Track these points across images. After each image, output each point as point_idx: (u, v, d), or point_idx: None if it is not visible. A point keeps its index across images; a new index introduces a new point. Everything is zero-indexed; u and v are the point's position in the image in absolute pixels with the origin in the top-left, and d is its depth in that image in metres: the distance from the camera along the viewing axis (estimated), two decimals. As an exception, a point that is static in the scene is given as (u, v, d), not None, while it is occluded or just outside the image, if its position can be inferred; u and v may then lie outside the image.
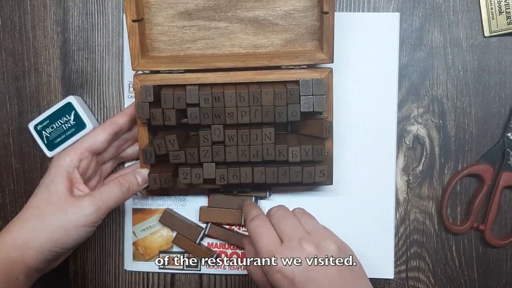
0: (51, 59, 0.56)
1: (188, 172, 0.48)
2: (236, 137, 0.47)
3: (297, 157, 0.47)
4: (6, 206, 0.57)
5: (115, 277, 0.57)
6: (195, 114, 0.46)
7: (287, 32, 0.49)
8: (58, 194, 0.45)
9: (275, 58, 0.48)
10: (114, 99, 0.56)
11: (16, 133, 0.57)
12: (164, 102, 0.46)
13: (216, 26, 0.49)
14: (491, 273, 0.54)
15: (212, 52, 0.50)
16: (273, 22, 0.49)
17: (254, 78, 0.47)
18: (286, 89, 0.46)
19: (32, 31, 0.56)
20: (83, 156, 0.48)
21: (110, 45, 0.55)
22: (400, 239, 0.55)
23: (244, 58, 0.48)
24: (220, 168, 0.48)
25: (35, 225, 0.44)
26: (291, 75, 0.47)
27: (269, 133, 0.47)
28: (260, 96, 0.46)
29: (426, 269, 0.55)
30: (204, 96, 0.46)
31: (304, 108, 0.46)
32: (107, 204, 0.46)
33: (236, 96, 0.46)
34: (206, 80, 0.48)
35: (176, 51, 0.50)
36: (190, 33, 0.49)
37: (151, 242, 0.56)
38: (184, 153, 0.47)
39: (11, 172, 0.57)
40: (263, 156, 0.47)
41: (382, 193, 0.54)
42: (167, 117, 0.46)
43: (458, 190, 0.54)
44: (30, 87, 0.56)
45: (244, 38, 0.49)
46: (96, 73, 0.56)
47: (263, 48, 0.50)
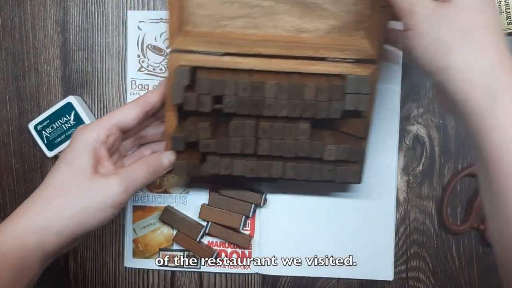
0: (51, 59, 0.56)
1: (217, 162, 0.46)
2: (271, 130, 0.45)
3: (333, 156, 0.45)
4: (6, 206, 0.57)
5: (115, 276, 0.57)
6: (232, 103, 0.44)
7: (334, 19, 0.46)
8: (83, 171, 0.41)
9: (321, 49, 0.45)
10: (114, 99, 0.56)
11: (16, 133, 0.57)
12: (200, 86, 0.43)
13: (261, 5, 0.45)
14: (491, 273, 0.54)
15: (251, 32, 0.46)
16: (322, 7, 0.45)
17: (296, 68, 0.45)
18: (330, 84, 0.43)
19: (32, 31, 0.56)
20: (111, 132, 0.43)
21: (110, 45, 0.55)
22: (400, 239, 0.55)
23: (288, 46, 0.45)
24: (251, 160, 0.46)
25: (58, 206, 0.39)
26: (335, 68, 0.45)
27: (305, 128, 0.45)
28: (302, 90, 0.43)
29: (426, 269, 0.55)
30: (243, 85, 0.43)
31: (348, 106, 0.44)
32: (135, 184, 0.42)
33: (277, 88, 0.43)
34: (245, 66, 0.45)
35: (212, 27, 0.46)
36: (232, 9, 0.45)
37: (151, 239, 0.56)
38: (215, 142, 0.45)
39: (11, 172, 0.57)
40: (296, 152, 0.45)
41: (382, 193, 0.54)
42: (201, 103, 0.44)
43: (458, 190, 0.54)
44: (30, 87, 0.56)
45: (288, 20, 0.46)
46: (96, 73, 0.56)
47: (306, 33, 0.46)
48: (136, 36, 0.55)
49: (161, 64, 0.55)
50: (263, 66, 0.45)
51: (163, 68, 0.55)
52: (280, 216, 0.54)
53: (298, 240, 0.54)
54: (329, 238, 0.54)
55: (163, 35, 0.55)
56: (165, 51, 0.55)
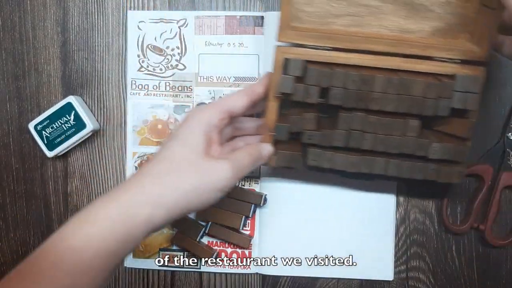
0: (51, 59, 0.56)
1: (319, 154, 0.46)
2: (378, 125, 0.45)
3: (437, 155, 0.45)
4: (6, 206, 0.57)
5: (115, 276, 0.57)
6: (339, 95, 0.44)
7: (440, 21, 0.46)
8: (196, 151, 0.41)
9: (428, 48, 0.45)
10: (114, 99, 0.56)
11: (16, 133, 0.57)
12: (310, 77, 0.44)
13: (368, 4, 0.46)
14: (491, 273, 0.54)
15: (355, 30, 0.47)
16: (429, 8, 0.46)
17: (402, 66, 0.45)
18: (439, 81, 0.44)
19: (32, 31, 0.56)
20: (224, 116, 0.43)
21: (110, 45, 0.55)
22: (400, 239, 0.55)
23: (395, 43, 0.46)
24: (353, 154, 0.46)
25: (172, 181, 0.39)
26: (441, 68, 0.45)
27: (416, 125, 0.44)
28: (411, 85, 0.43)
29: (426, 269, 0.55)
30: (352, 77, 0.43)
31: (457, 104, 0.44)
32: (242, 171, 0.42)
33: (386, 82, 0.43)
34: (354, 62, 0.45)
35: (318, 24, 0.47)
36: (339, 7, 0.47)
37: (151, 239, 0.56)
38: (319, 134, 0.45)
39: (11, 172, 0.57)
40: (401, 148, 0.45)
41: (382, 193, 0.54)
42: (309, 94, 0.44)
43: (458, 190, 0.54)
44: (30, 87, 0.56)
45: (394, 20, 0.47)
46: (96, 73, 0.56)
47: (410, 34, 0.47)
48: (136, 36, 0.55)
49: (161, 64, 0.55)
50: (370, 62, 0.45)
51: (163, 68, 0.55)
52: (280, 216, 0.54)
53: (298, 240, 0.54)
54: (329, 238, 0.54)
55: (163, 35, 0.55)
56: (165, 51, 0.55)
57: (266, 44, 0.53)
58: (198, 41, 0.55)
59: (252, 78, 0.54)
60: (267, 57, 0.53)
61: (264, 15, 0.54)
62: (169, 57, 0.55)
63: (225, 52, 0.55)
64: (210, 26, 0.55)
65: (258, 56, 0.54)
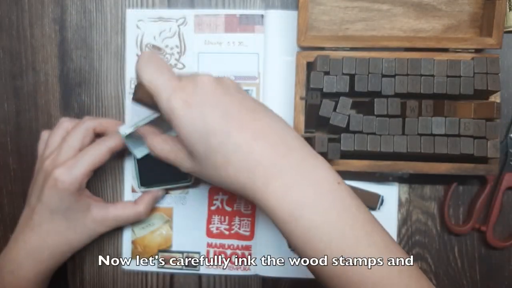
0: (49, 58, 0.55)
1: (352, 138, 0.46)
2: (404, 108, 0.46)
3: (470, 130, 0.45)
4: (4, 206, 0.57)
5: (113, 278, 0.56)
6: (363, 83, 0.46)
7: (449, 18, 0.50)
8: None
9: (443, 40, 0.48)
10: (112, 98, 0.55)
11: (14, 132, 0.56)
12: (335, 67, 0.46)
13: (379, 8, 0.50)
14: (494, 275, 0.54)
15: (371, 34, 0.51)
16: (436, 7, 0.50)
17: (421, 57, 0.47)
18: (459, 62, 0.46)
19: (30, 29, 0.55)
20: (89, 174, 0.49)
21: (109, 44, 0.55)
22: (402, 240, 0.54)
23: (410, 39, 0.48)
24: (386, 135, 0.46)
25: None
26: (458, 57, 0.47)
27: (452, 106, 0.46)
28: (433, 66, 0.46)
29: (428, 270, 0.54)
30: (375, 62, 0.46)
31: (477, 85, 0.46)
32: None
33: (408, 64, 0.46)
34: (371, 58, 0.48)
35: (335, 31, 0.51)
36: (352, 14, 0.50)
37: (150, 240, 0.55)
38: (348, 117, 0.46)
39: (9, 172, 0.57)
40: (432, 129, 0.46)
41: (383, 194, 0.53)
42: (339, 84, 0.46)
43: (460, 190, 0.54)
44: (27, 86, 0.56)
45: (405, 22, 0.50)
46: (94, 72, 0.55)
47: (423, 33, 0.50)
48: (135, 34, 0.55)
49: (160, 63, 0.55)
50: (389, 57, 0.47)
51: (162, 67, 0.55)
52: (280, 217, 0.54)
53: (299, 241, 0.54)
54: (330, 239, 0.54)
55: (162, 33, 0.54)
56: (164, 50, 0.55)
57: (266, 43, 0.53)
58: (197, 40, 0.54)
59: (252, 77, 0.54)
60: (267, 56, 0.53)
61: (264, 13, 0.53)
62: (168, 56, 0.55)
63: (224, 51, 0.54)
64: (210, 24, 0.54)
65: (258, 55, 0.54)
